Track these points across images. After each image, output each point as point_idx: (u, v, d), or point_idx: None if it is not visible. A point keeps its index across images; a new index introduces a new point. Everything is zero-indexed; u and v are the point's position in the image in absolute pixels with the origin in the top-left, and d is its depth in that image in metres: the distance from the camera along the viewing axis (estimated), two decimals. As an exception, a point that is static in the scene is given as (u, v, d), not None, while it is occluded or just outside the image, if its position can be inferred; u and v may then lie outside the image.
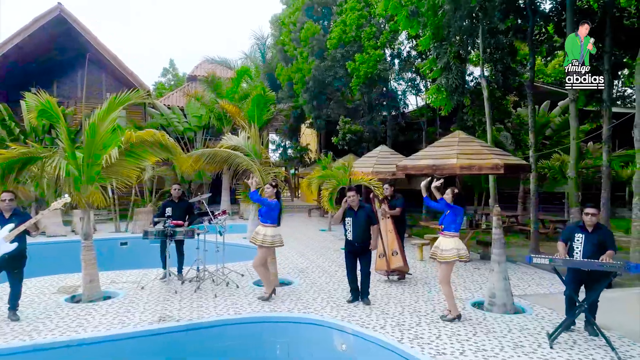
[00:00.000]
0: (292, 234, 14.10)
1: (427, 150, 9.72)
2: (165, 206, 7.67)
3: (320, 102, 19.40)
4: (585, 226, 5.15)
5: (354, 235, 6.39)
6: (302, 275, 8.24)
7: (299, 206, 26.46)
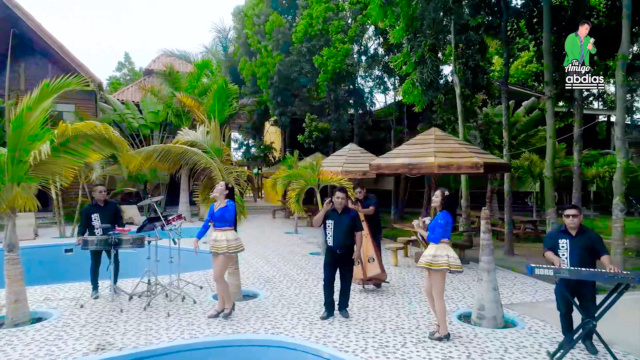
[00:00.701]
0: (256, 237, 13.23)
1: (402, 148, 9.11)
2: (88, 213, 6.60)
3: (285, 98, 18.57)
4: (568, 230, 4.66)
5: (335, 242, 5.66)
6: (268, 286, 7.43)
7: (262, 207, 25.52)
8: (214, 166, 6.64)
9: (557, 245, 4.66)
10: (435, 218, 5.06)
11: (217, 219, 5.82)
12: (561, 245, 4.61)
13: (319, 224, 5.83)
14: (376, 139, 21.23)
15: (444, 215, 5.02)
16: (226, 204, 5.84)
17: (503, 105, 11.28)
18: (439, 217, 5.01)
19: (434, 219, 5.06)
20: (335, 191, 5.75)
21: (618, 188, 8.21)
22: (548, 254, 4.70)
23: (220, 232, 5.80)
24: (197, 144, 6.89)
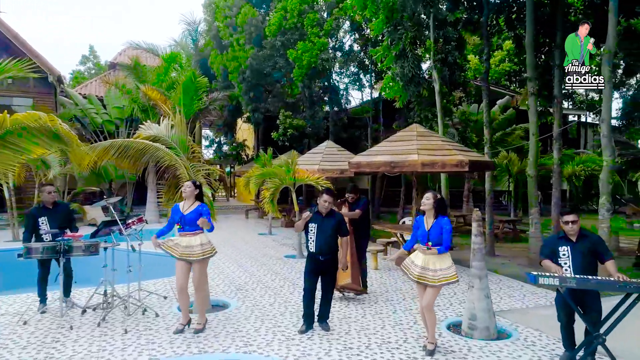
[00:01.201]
0: (228, 240, 12.55)
1: (383, 145, 8.64)
2: (35, 216, 5.80)
3: (258, 94, 17.87)
4: (568, 236, 4.25)
5: (317, 247, 5.10)
6: (240, 295, 6.81)
7: (235, 207, 24.75)
8: (179, 163, 5.99)
9: (556, 252, 4.24)
10: (436, 224, 4.56)
11: (189, 222, 5.20)
12: (562, 252, 4.20)
13: (300, 230, 5.27)
14: (352, 137, 20.78)
15: (448, 221, 4.55)
16: (197, 207, 5.23)
17: (484, 102, 10.98)
18: (443, 223, 4.53)
19: (435, 224, 4.57)
20: (322, 194, 5.18)
21: (604, 187, 7.97)
22: (546, 262, 4.29)
23: (192, 237, 5.18)
24: (160, 139, 6.21)
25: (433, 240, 4.54)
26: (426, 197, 4.64)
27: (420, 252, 4.65)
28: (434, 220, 4.60)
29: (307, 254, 5.27)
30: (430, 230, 4.57)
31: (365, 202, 6.81)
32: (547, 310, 6.13)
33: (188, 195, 5.26)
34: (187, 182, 5.33)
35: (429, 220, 4.64)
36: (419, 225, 4.73)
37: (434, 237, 4.54)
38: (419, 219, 4.76)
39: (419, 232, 4.67)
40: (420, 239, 4.65)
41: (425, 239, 4.59)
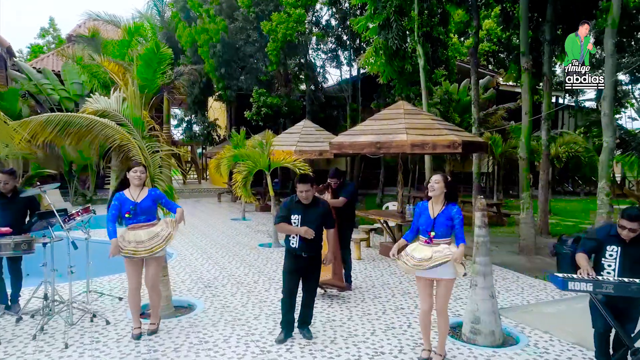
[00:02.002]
0: (197, 226, 11.63)
1: (368, 124, 7.85)
2: None
3: (230, 70, 16.73)
4: (621, 236, 3.54)
5: (300, 243, 4.29)
6: (208, 293, 5.98)
7: (207, 190, 23.69)
8: (132, 143, 5.05)
9: (602, 251, 3.54)
10: (445, 212, 3.82)
11: (144, 211, 4.36)
12: (609, 252, 3.50)
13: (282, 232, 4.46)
14: (329, 116, 19.92)
15: (459, 210, 3.82)
16: (149, 193, 4.42)
17: (472, 79, 10.30)
18: (454, 213, 3.79)
19: (444, 213, 3.83)
20: (297, 184, 4.34)
21: (604, 170, 7.41)
22: (580, 258, 3.58)
23: (145, 230, 4.33)
24: (110, 115, 5.24)
25: (438, 231, 3.81)
26: (434, 179, 3.88)
27: (421, 245, 3.91)
28: (442, 207, 3.86)
29: (286, 251, 4.47)
30: (437, 219, 3.83)
31: (353, 187, 6.05)
32: (551, 307, 5.57)
33: (142, 182, 4.42)
34: (139, 167, 4.45)
35: (435, 207, 3.89)
36: (421, 211, 3.97)
37: (440, 228, 3.80)
38: (422, 204, 4.01)
39: (422, 219, 3.91)
40: (422, 227, 3.90)
41: (430, 227, 3.84)
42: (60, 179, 18.78)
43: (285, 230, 4.39)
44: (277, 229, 4.49)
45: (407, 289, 6.19)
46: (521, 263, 8.09)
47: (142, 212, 4.36)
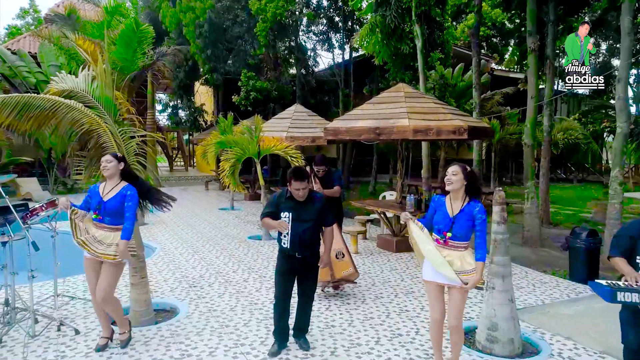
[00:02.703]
0: (183, 217, 11.04)
1: (366, 108, 7.28)
2: None
3: (216, 52, 15.96)
4: None
5: (293, 243, 3.73)
6: (193, 294, 5.43)
7: (194, 177, 23.03)
8: (103, 128, 4.42)
9: (636, 248, 3.03)
10: (466, 211, 3.30)
11: (109, 212, 3.75)
12: None
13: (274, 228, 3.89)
14: (320, 102, 19.26)
15: (482, 208, 3.29)
16: (121, 190, 3.80)
17: (473, 61, 9.76)
18: (476, 212, 3.27)
19: (464, 212, 3.30)
20: (290, 179, 3.75)
21: (617, 158, 6.96)
22: (618, 262, 3.04)
23: (110, 231, 3.74)
24: (77, 95, 4.60)
25: (457, 233, 3.28)
26: (452, 171, 3.33)
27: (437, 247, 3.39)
28: (463, 204, 3.33)
29: (278, 251, 3.92)
30: (456, 219, 3.30)
31: (339, 176, 5.54)
32: (568, 307, 5.12)
33: (111, 174, 3.82)
34: (106, 156, 3.86)
35: (454, 203, 3.36)
36: (437, 207, 3.43)
37: (459, 230, 3.28)
38: (439, 198, 3.48)
39: (439, 217, 3.37)
40: (438, 226, 3.37)
41: (447, 228, 3.32)
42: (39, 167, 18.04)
43: (267, 226, 3.89)
44: (262, 224, 3.93)
45: (410, 288, 5.71)
46: (526, 255, 7.68)
47: (106, 213, 3.77)
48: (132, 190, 3.84)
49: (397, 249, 7.57)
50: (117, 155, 3.91)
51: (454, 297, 3.34)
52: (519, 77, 22.51)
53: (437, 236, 3.37)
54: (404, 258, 7.24)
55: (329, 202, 4.10)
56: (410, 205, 7.21)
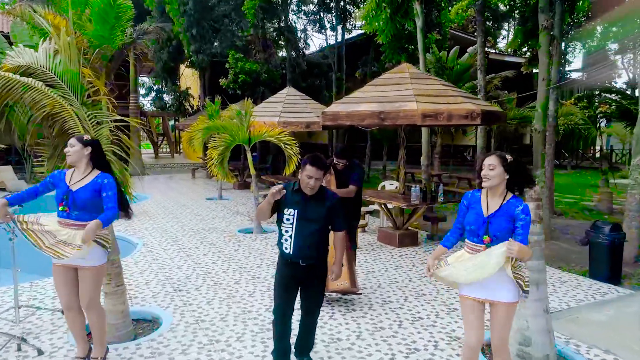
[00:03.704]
0: (168, 208, 10.36)
1: (368, 90, 6.64)
2: None
3: (202, 31, 15.10)
4: None
5: (296, 247, 3.12)
6: (178, 300, 4.81)
7: (180, 164, 22.25)
8: (67, 110, 3.73)
9: None
10: (505, 209, 2.72)
11: (79, 204, 3.13)
12: None
13: (265, 218, 3.24)
14: (312, 85, 18.53)
15: (526, 207, 2.71)
16: (94, 179, 3.16)
17: (478, 41, 9.16)
18: (519, 212, 2.68)
19: (503, 210, 2.72)
20: (304, 165, 3.10)
21: (639, 145, 6.44)
22: None
23: (78, 229, 3.10)
24: (37, 73, 3.89)
25: (495, 234, 2.70)
26: (488, 164, 2.72)
27: (468, 254, 2.82)
28: (502, 202, 2.74)
29: (279, 256, 3.31)
30: (493, 218, 2.71)
31: (361, 170, 4.89)
32: (598, 312, 4.61)
33: (73, 160, 3.17)
34: (70, 139, 3.21)
35: (491, 201, 2.77)
36: (470, 205, 2.85)
37: (498, 232, 2.70)
38: (472, 195, 2.89)
39: (471, 216, 2.79)
40: (470, 227, 2.78)
41: (482, 229, 2.74)
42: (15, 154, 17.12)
43: (260, 210, 3.14)
44: (257, 212, 3.26)
45: (421, 290, 5.16)
46: (536, 249, 7.17)
47: (75, 206, 3.13)
48: (109, 179, 3.23)
49: (400, 244, 7.03)
50: (82, 138, 3.26)
51: (498, 314, 2.77)
52: (514, 61, 22.03)
53: (472, 242, 2.79)
54: (407, 253, 6.70)
55: (342, 202, 3.48)
56: (416, 196, 6.64)
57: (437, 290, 5.15)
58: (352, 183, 4.70)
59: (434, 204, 6.99)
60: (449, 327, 4.18)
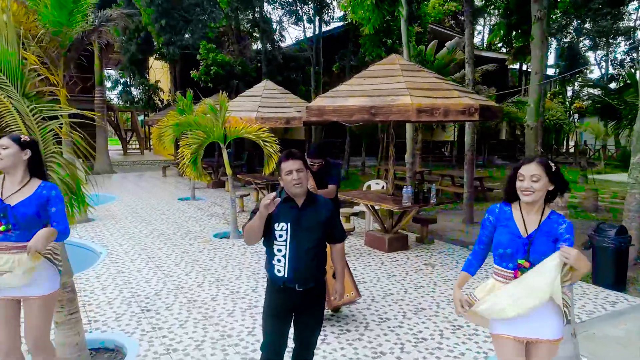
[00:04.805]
0: (137, 210, 9.61)
1: (356, 83, 6.10)
2: None
3: (172, 21, 14.24)
4: None
5: (292, 269, 2.57)
6: (146, 323, 4.17)
7: (150, 162, 21.36)
8: (5, 104, 3.05)
9: None
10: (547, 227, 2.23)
11: (21, 222, 2.52)
12: None
13: (257, 239, 2.64)
14: (288, 79, 17.88)
15: (570, 226, 2.22)
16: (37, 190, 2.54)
17: (466, 33, 8.73)
18: (565, 229, 2.19)
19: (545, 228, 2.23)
20: (280, 165, 2.59)
21: (639, 142, 6.13)
22: None
23: (18, 253, 2.47)
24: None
25: (538, 257, 2.20)
26: (531, 173, 2.19)
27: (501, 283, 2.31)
28: (541, 218, 2.25)
29: (268, 281, 2.74)
30: (535, 239, 2.22)
31: (339, 169, 4.39)
32: (612, 325, 4.24)
33: (7, 166, 2.53)
34: (3, 140, 2.56)
35: (527, 217, 2.27)
36: (499, 222, 2.34)
37: (540, 254, 2.20)
38: (501, 209, 2.38)
39: (504, 237, 2.28)
40: (504, 250, 2.27)
41: (521, 255, 2.23)
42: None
43: (249, 229, 2.55)
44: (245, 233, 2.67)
45: (419, 303, 4.68)
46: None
47: (16, 224, 2.49)
48: (56, 190, 2.63)
49: (389, 248, 6.55)
50: (19, 138, 2.60)
51: (539, 356, 2.28)
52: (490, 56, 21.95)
53: (507, 269, 2.28)
54: (398, 259, 6.22)
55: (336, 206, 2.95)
56: (407, 198, 6.16)
57: (436, 303, 4.68)
58: (332, 182, 4.26)
59: (426, 205, 6.53)
60: (457, 349, 3.71)
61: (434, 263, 6.05)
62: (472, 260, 2.48)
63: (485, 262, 2.51)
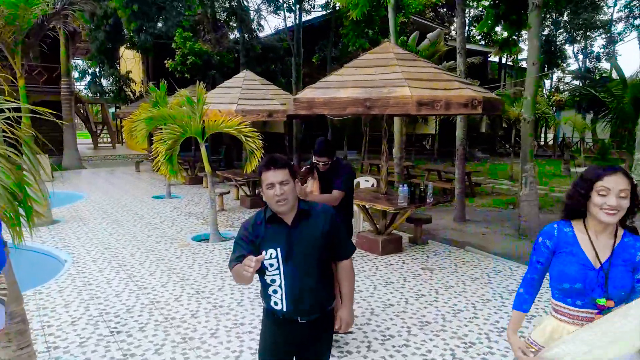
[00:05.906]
0: (107, 209, 8.91)
1: (348, 73, 5.59)
2: None
3: (144, 8, 13.41)
4: None
5: (291, 299, 2.09)
6: (115, 350, 3.61)
7: (123, 156, 20.44)
8: None
9: None
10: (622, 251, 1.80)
11: None
12: None
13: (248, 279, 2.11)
14: (267, 70, 17.23)
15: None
16: None
17: (458, 22, 8.32)
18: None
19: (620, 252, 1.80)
20: (260, 176, 2.08)
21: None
22: None
23: None
24: None
25: (617, 292, 1.77)
26: (620, 187, 1.73)
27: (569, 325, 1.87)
28: (615, 241, 1.82)
29: (264, 311, 2.24)
30: (611, 270, 1.78)
31: (350, 170, 3.84)
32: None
33: None
34: None
35: (598, 239, 1.84)
36: (560, 247, 1.90)
37: (620, 289, 1.77)
38: (559, 230, 1.94)
39: (572, 270, 1.83)
40: (574, 286, 1.82)
41: (599, 292, 1.79)
42: None
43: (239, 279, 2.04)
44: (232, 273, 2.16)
45: (423, 316, 4.25)
46: (528, 251, 6.50)
47: None
48: None
49: (382, 251, 6.12)
50: None
51: None
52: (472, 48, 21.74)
53: (568, 306, 1.84)
54: (393, 264, 5.79)
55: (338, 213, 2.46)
56: (403, 197, 5.72)
57: (442, 315, 4.26)
58: (337, 187, 3.66)
59: (422, 205, 6.10)
60: None
61: (432, 267, 5.65)
62: (524, 295, 2.04)
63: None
